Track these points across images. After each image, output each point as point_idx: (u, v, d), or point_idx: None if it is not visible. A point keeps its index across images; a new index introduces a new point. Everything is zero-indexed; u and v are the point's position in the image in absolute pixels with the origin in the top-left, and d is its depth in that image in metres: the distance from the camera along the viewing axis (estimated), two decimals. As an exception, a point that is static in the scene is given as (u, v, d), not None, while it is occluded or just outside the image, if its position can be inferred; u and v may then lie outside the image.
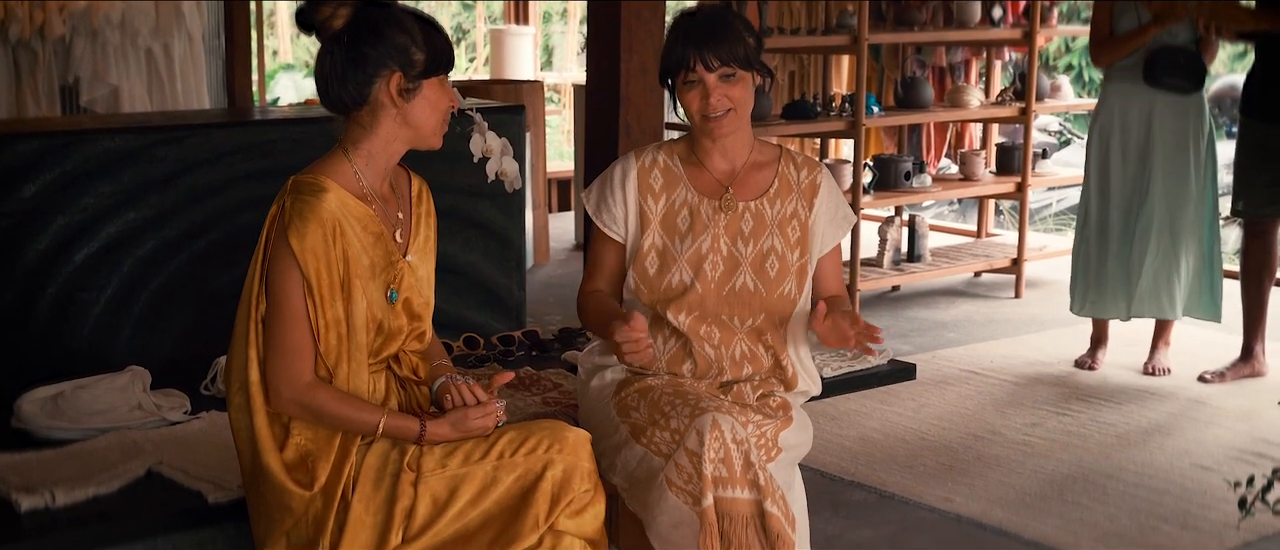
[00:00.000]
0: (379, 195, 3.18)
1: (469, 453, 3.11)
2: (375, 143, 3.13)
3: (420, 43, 3.08)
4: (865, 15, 7.52)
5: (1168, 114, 6.38)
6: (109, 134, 4.58)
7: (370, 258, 3.10)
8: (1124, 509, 4.97)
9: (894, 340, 7.22)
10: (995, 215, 10.20)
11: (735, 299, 3.55)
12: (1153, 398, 6.29)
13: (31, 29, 7.72)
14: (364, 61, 3.05)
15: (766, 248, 3.57)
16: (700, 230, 3.56)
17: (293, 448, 3.08)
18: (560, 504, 3.10)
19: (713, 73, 3.45)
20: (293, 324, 3.03)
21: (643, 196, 3.60)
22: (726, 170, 3.62)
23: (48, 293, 4.45)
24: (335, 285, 3.04)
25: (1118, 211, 6.52)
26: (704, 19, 3.50)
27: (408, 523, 3.05)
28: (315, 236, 3.00)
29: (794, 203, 3.61)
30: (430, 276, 3.30)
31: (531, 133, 8.58)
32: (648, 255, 3.57)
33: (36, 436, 3.69)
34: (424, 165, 4.97)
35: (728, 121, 3.51)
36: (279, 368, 3.04)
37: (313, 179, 3.08)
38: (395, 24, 3.06)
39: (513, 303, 5.47)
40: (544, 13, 14.85)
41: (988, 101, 8.60)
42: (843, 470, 5.32)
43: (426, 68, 3.09)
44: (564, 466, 3.11)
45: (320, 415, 3.06)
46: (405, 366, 3.25)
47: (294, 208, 3.03)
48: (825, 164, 5.73)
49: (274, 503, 3.07)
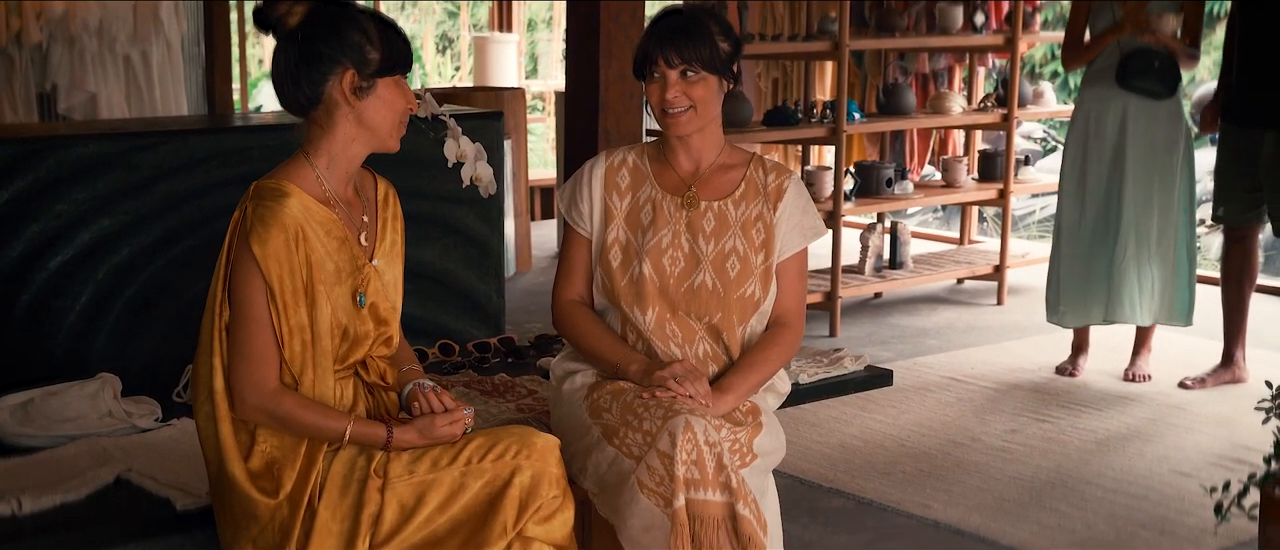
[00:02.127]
0: (342, 199, 3.16)
1: (436, 459, 3.09)
2: (334, 145, 3.12)
3: (375, 41, 3.07)
4: (846, 21, 7.52)
5: (1142, 117, 6.38)
6: (83, 140, 4.55)
7: (334, 262, 3.09)
8: (1101, 515, 4.96)
9: (875, 347, 7.22)
10: (978, 222, 10.20)
11: (694, 296, 3.55)
12: (1133, 404, 6.29)
13: (8, 36, 7.69)
14: (317, 59, 3.04)
15: (728, 248, 3.57)
16: (661, 225, 3.56)
17: (258, 455, 3.06)
18: (528, 510, 3.08)
19: (674, 69, 3.48)
20: (256, 330, 3.02)
21: (608, 193, 3.62)
22: (690, 169, 3.64)
23: (22, 300, 4.42)
24: (298, 291, 3.02)
25: (1092, 216, 6.52)
26: (677, 19, 3.53)
27: (375, 529, 3.04)
28: (277, 242, 2.99)
29: (759, 206, 3.61)
30: (398, 281, 3.29)
31: (513, 140, 8.58)
32: (611, 249, 3.59)
33: (5, 444, 3.67)
34: (401, 171, 4.96)
35: (686, 119, 3.52)
36: (243, 375, 3.02)
37: (275, 184, 3.07)
38: (350, 22, 3.05)
39: (492, 310, 5.45)
40: (529, 20, 14.84)
41: (970, 108, 8.61)
42: (821, 477, 5.31)
43: (381, 66, 3.08)
44: (532, 472, 3.09)
45: (286, 422, 3.04)
46: (372, 372, 3.24)
47: (256, 213, 3.01)
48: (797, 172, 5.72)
49: (240, 511, 3.05)
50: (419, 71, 14.77)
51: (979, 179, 8.60)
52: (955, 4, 8.46)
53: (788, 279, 3.68)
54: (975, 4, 8.61)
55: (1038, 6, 9.00)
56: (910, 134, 9.99)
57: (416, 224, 5.10)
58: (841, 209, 7.61)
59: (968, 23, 8.44)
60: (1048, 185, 8.81)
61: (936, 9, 8.56)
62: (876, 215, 8.60)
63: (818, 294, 7.60)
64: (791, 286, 3.70)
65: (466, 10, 15.38)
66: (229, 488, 3.06)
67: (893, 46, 8.58)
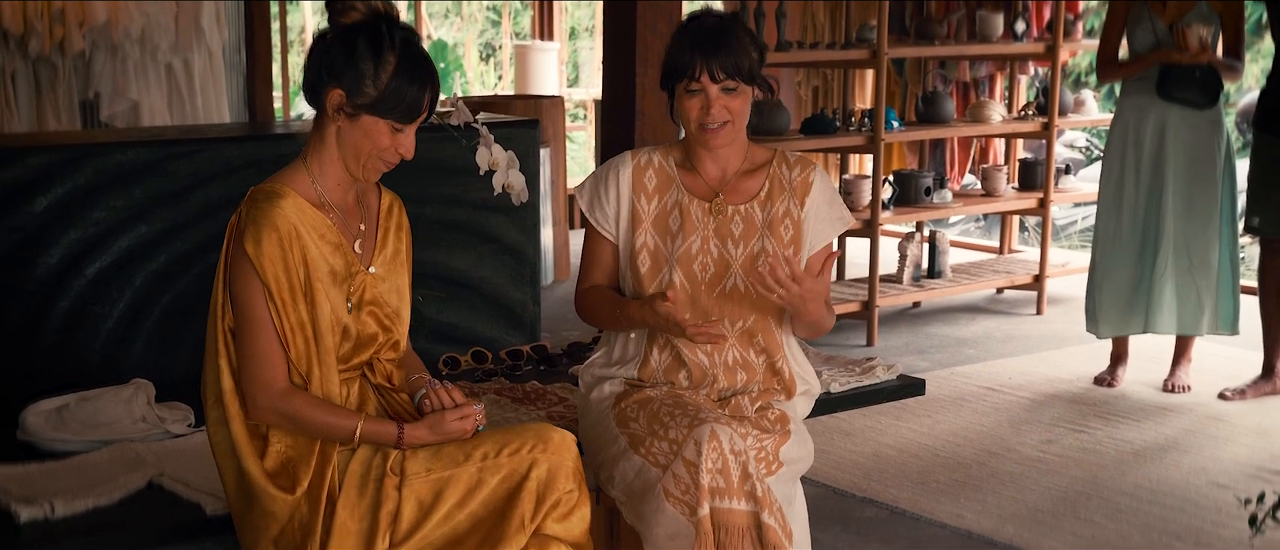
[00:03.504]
0: (339, 205, 3.18)
1: (453, 455, 3.11)
2: (325, 152, 3.15)
3: (380, 81, 3.05)
4: (884, 29, 7.50)
5: (1183, 128, 6.35)
6: (121, 147, 4.59)
7: (329, 264, 3.11)
8: (1136, 526, 4.94)
9: (912, 357, 7.21)
10: (1020, 232, 10.16)
11: (726, 300, 3.54)
12: (1171, 414, 6.25)
13: (51, 44, 7.75)
14: (329, 63, 3.07)
15: (757, 250, 3.56)
16: (690, 231, 3.55)
17: (273, 455, 3.09)
18: (545, 503, 3.09)
19: (716, 84, 3.44)
20: (259, 330, 3.05)
21: (636, 195, 3.60)
22: (718, 176, 3.62)
23: (59, 306, 4.46)
24: (296, 289, 3.05)
25: (1131, 226, 6.49)
26: (712, 27, 3.48)
27: (393, 527, 3.05)
28: (270, 241, 3.02)
29: (786, 202, 3.60)
30: (401, 289, 3.29)
31: (551, 148, 8.60)
32: (639, 254, 3.57)
33: (41, 448, 3.71)
34: (435, 178, 5.03)
35: (724, 133, 3.51)
36: (252, 376, 3.06)
37: (270, 187, 3.11)
38: (372, 51, 3.04)
39: (527, 318, 5.47)
40: (570, 28, 14.87)
41: (1010, 117, 8.58)
42: (855, 486, 5.31)
43: (371, 105, 3.07)
44: (548, 466, 3.10)
45: (297, 421, 3.07)
46: (379, 374, 3.25)
47: (249, 215, 3.05)
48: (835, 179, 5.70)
49: (258, 512, 3.08)
50: (460, 79, 14.82)
51: (1019, 188, 8.57)
52: (996, 12, 8.44)
53: (813, 268, 3.61)
54: (1016, 12, 8.59)
55: (1080, 14, 8.97)
56: (951, 142, 9.96)
57: (451, 232, 5.17)
58: (879, 218, 7.59)
59: (1008, 31, 8.41)
60: (1089, 194, 8.76)
61: (977, 16, 8.54)
62: (915, 224, 8.58)
63: (855, 303, 7.58)
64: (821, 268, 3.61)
65: (509, 19, 15.42)
66: (247, 488, 3.09)
67: (931, 54, 8.55)
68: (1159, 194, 6.40)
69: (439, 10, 16.18)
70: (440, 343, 4.91)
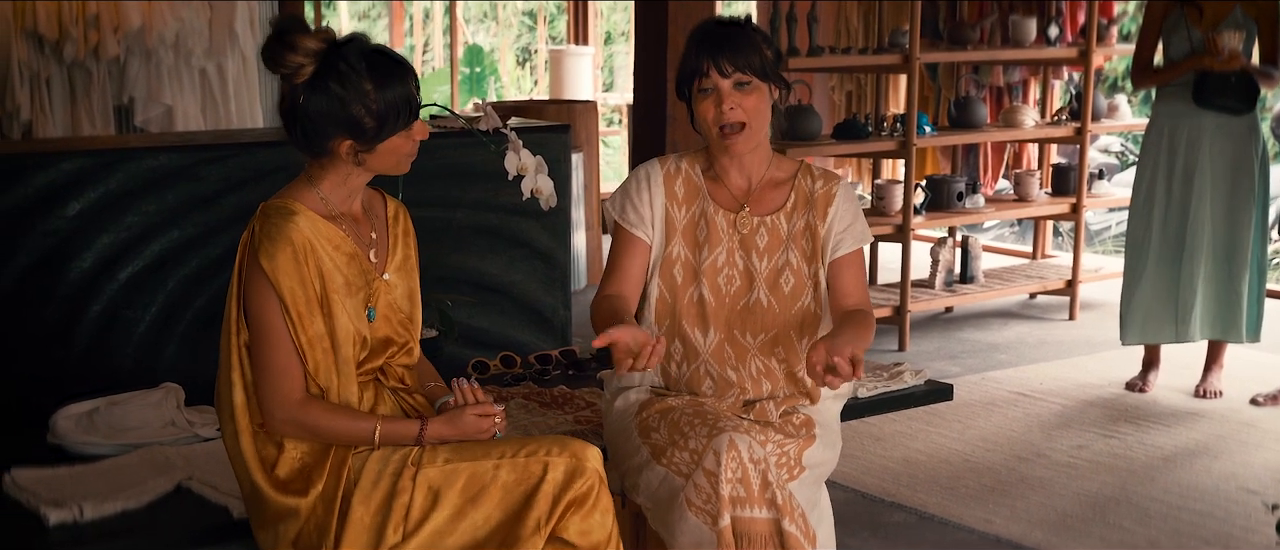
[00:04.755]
0: (349, 217, 3.20)
1: (471, 450, 3.11)
2: (337, 174, 3.15)
3: (372, 109, 3.03)
4: (917, 34, 7.50)
5: (1218, 135, 6.32)
6: (153, 152, 4.62)
7: (344, 275, 3.12)
8: (1165, 531, 4.93)
9: (943, 362, 7.21)
10: (1054, 237, 10.14)
11: (748, 314, 3.54)
12: (1202, 420, 6.24)
13: (86, 49, 7.81)
14: (320, 123, 3.05)
15: (781, 263, 3.56)
16: (716, 242, 3.55)
17: (288, 462, 3.11)
18: (561, 504, 3.08)
19: (727, 79, 3.43)
20: (276, 345, 3.06)
21: (670, 201, 3.59)
22: (743, 186, 3.61)
23: (92, 311, 4.49)
24: (312, 301, 3.06)
25: (1164, 232, 6.46)
26: (722, 27, 3.49)
27: (406, 519, 3.05)
28: (285, 255, 3.03)
29: (808, 215, 3.59)
30: (412, 294, 3.31)
31: (584, 153, 8.62)
32: (674, 264, 3.57)
33: (71, 452, 3.74)
34: (465, 183, 5.05)
35: (743, 138, 3.48)
36: (268, 390, 3.07)
37: (282, 203, 3.11)
38: (350, 90, 3.02)
39: (558, 322, 5.48)
40: (606, 33, 14.90)
41: (1042, 122, 8.56)
42: (884, 491, 5.31)
43: (378, 131, 3.07)
44: (566, 467, 3.09)
45: (316, 431, 3.09)
46: (392, 377, 3.27)
47: (263, 230, 3.06)
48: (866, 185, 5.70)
49: (272, 513, 3.11)
50: (494, 84, 14.85)
51: (1052, 193, 8.55)
52: (1028, 16, 8.43)
53: (851, 273, 3.60)
54: (1049, 16, 8.57)
55: (1114, 18, 8.94)
56: (985, 147, 9.95)
57: (482, 236, 5.19)
58: (911, 222, 7.58)
59: (1041, 35, 8.39)
60: (1123, 200, 8.71)
61: (1009, 21, 8.53)
62: (947, 229, 8.57)
63: (887, 308, 7.58)
64: (856, 279, 3.61)
65: (544, 23, 15.45)
66: (259, 498, 3.12)
67: (963, 59, 8.55)
68: (1193, 200, 6.37)
69: (476, 12, 16.22)
70: (472, 347, 4.92)
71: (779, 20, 7.26)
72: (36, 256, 4.37)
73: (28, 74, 7.78)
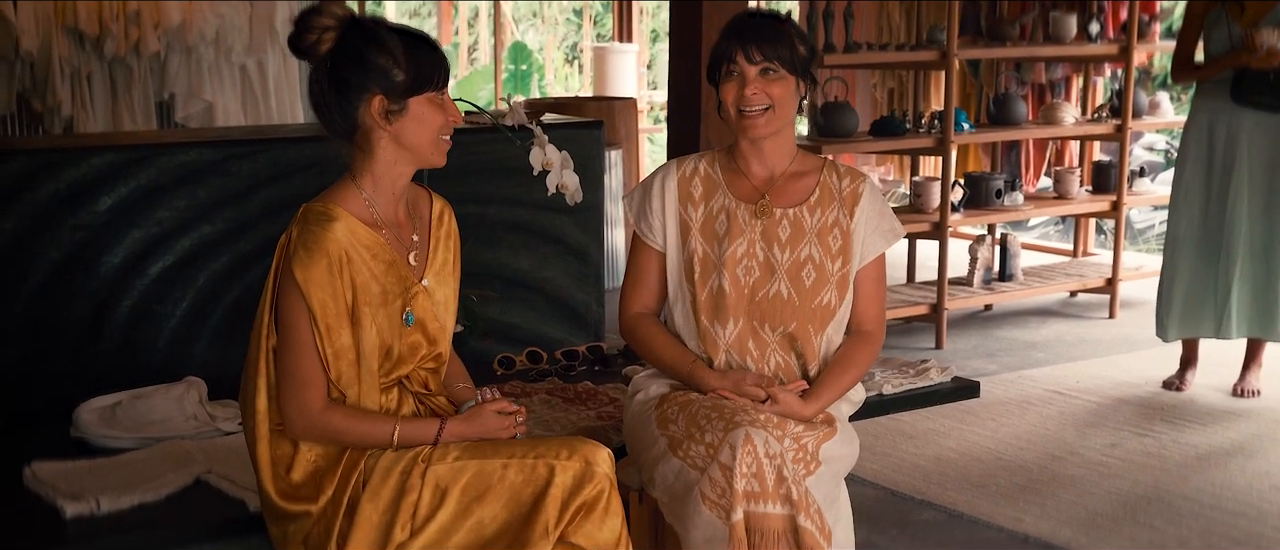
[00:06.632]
0: (392, 221, 3.18)
1: (481, 449, 3.11)
2: (377, 167, 3.13)
3: (402, 62, 3.05)
4: (954, 31, 7.47)
5: (1257, 132, 6.27)
6: (185, 148, 4.65)
7: (381, 285, 3.11)
8: (1196, 531, 4.90)
9: (980, 360, 7.18)
10: (1097, 235, 10.08)
11: (768, 305, 3.54)
12: (1239, 419, 6.19)
13: (127, 46, 7.87)
14: (346, 86, 3.05)
15: (803, 256, 3.56)
16: (736, 234, 3.55)
17: (302, 465, 3.12)
18: (570, 509, 3.07)
19: (754, 66, 3.46)
20: (303, 354, 3.05)
21: (682, 205, 3.61)
22: (764, 177, 3.61)
23: (123, 305, 4.52)
24: (341, 314, 3.04)
25: (1204, 230, 6.41)
26: (755, 18, 3.52)
27: (414, 517, 3.05)
28: (319, 267, 3.01)
29: (835, 211, 3.59)
30: (449, 300, 3.29)
31: (624, 149, 8.62)
32: (693, 261, 3.58)
33: (93, 445, 3.77)
34: (497, 179, 5.06)
35: (764, 121, 3.50)
36: (291, 397, 3.07)
37: (323, 207, 3.09)
38: (375, 45, 3.04)
39: (591, 319, 5.49)
40: (652, 31, 14.90)
41: (1083, 118, 8.51)
42: (914, 489, 5.29)
43: (410, 86, 3.07)
44: (575, 472, 3.09)
45: (336, 436, 3.09)
46: (414, 382, 3.26)
47: (300, 238, 3.04)
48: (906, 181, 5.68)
49: (283, 520, 3.13)
50: (538, 81, 14.88)
51: (1093, 191, 8.50)
52: (1069, 13, 8.38)
53: (867, 287, 3.65)
54: (1090, 13, 8.52)
55: (1156, 15, 8.88)
56: (1026, 145, 9.90)
57: (514, 232, 5.20)
58: (949, 220, 7.55)
59: (1082, 32, 8.35)
60: (1165, 197, 8.64)
61: (1051, 17, 8.48)
62: (986, 227, 8.53)
63: (923, 306, 7.56)
64: (872, 294, 3.66)
65: (590, 21, 15.47)
66: (271, 504, 3.14)
67: (1002, 56, 8.50)
68: (1232, 198, 6.32)
69: (525, 11, 16.26)
70: (504, 343, 4.93)
71: (816, 17, 7.24)
72: (68, 252, 4.41)
73: (68, 70, 7.85)
